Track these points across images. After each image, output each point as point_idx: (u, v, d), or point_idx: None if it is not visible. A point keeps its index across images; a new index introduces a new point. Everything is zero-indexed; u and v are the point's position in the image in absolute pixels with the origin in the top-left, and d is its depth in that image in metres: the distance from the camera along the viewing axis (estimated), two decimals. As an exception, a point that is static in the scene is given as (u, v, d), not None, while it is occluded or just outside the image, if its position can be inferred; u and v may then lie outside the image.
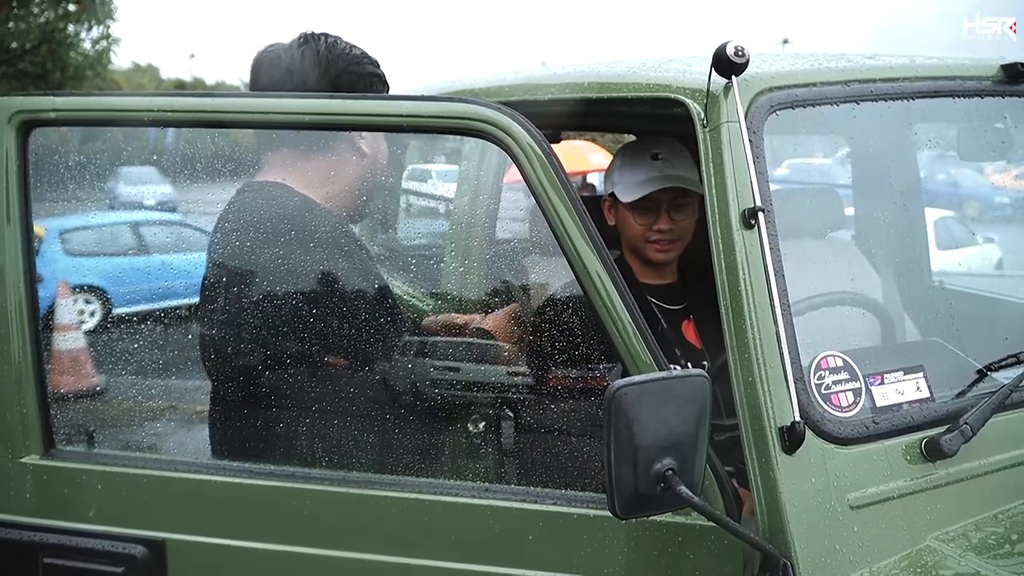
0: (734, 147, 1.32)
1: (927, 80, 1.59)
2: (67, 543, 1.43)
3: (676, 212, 1.87)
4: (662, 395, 1.12)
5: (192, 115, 1.40)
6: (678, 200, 1.85)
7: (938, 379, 1.43)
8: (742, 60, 1.30)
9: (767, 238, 1.26)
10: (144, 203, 8.66)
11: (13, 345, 1.43)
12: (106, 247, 6.35)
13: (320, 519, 1.38)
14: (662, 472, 1.11)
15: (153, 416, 1.74)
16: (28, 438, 1.44)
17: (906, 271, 2.22)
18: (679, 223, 1.88)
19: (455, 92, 2.22)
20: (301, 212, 1.52)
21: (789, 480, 1.20)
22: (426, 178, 9.16)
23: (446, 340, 1.74)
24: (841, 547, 1.20)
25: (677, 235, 1.89)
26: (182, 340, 1.70)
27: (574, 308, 1.44)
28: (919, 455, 1.29)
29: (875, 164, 2.21)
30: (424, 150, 4.32)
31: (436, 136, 2.69)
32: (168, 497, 1.43)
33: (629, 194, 1.85)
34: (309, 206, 1.53)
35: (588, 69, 1.90)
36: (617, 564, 1.29)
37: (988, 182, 7.98)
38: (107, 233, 6.55)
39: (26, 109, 1.42)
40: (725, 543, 1.26)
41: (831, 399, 1.29)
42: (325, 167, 1.57)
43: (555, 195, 1.27)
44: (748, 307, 1.26)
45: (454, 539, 1.35)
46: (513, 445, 1.68)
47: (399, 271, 2.53)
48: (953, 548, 1.24)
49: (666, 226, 1.87)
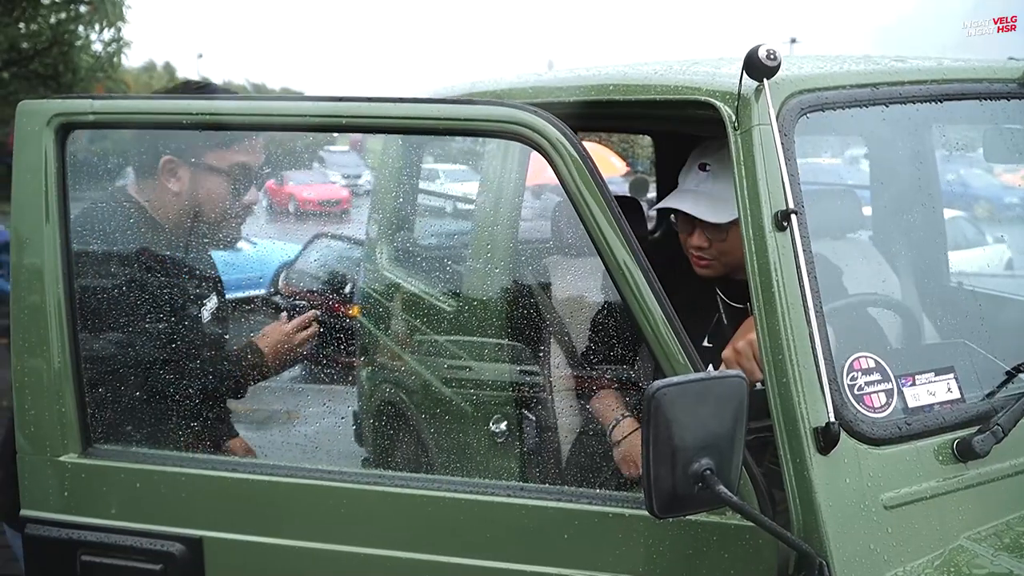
0: (766, 149, 1.33)
1: (954, 82, 1.60)
2: (105, 540, 1.45)
3: (711, 232, 1.77)
4: (700, 396, 1.13)
5: (231, 118, 1.42)
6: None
7: (967, 380, 1.44)
8: (774, 63, 1.31)
9: (800, 240, 1.27)
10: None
11: (52, 345, 1.44)
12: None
13: (355, 517, 1.40)
14: (700, 472, 1.12)
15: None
16: (67, 437, 1.46)
17: (926, 272, 2.23)
18: (717, 244, 1.77)
19: (477, 93, 2.23)
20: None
21: (824, 480, 1.21)
22: (434, 178, 9.17)
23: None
24: (875, 546, 1.21)
25: (715, 254, 1.79)
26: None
27: (610, 308, 1.46)
28: (951, 456, 1.30)
29: (898, 165, 2.21)
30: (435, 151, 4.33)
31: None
32: (205, 495, 1.45)
33: (664, 200, 1.82)
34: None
35: (612, 71, 1.91)
36: (652, 563, 1.31)
37: (998, 182, 7.96)
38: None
39: (65, 112, 1.44)
40: (760, 542, 1.27)
41: (864, 400, 1.30)
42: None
43: (591, 196, 1.29)
44: (781, 308, 1.27)
45: (489, 537, 1.36)
46: (542, 445, 1.69)
47: (421, 271, 2.55)
48: (985, 548, 1.25)
49: (697, 243, 1.78)
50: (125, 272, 1.64)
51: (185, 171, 1.69)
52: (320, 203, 6.82)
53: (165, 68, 48.03)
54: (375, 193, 2.95)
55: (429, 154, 3.17)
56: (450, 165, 7.96)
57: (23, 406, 1.47)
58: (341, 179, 12.16)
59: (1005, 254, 6.76)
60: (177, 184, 1.69)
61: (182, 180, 1.69)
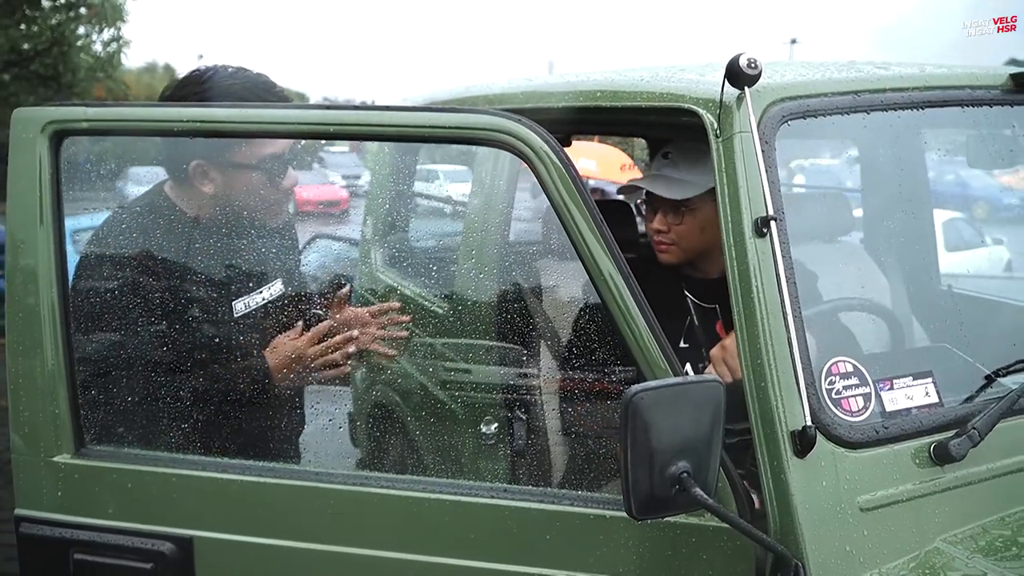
0: (746, 157, 1.35)
1: (936, 90, 1.62)
2: (97, 540, 1.48)
3: (672, 215, 1.88)
4: (678, 399, 1.15)
5: (223, 126, 1.44)
6: (680, 205, 1.87)
7: (947, 384, 1.46)
8: (755, 72, 1.33)
9: (779, 246, 1.29)
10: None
11: (46, 346, 1.47)
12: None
13: (343, 518, 1.42)
14: (677, 475, 1.15)
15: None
16: (60, 437, 1.49)
17: (915, 276, 2.25)
18: (675, 228, 1.88)
19: (469, 98, 2.26)
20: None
21: (800, 483, 1.23)
22: (433, 179, 9.18)
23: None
24: (851, 548, 1.23)
25: (673, 239, 1.89)
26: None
27: (591, 313, 1.48)
28: (928, 459, 1.32)
29: (884, 171, 2.24)
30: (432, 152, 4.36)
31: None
32: (195, 495, 1.47)
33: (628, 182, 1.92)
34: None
35: (601, 77, 1.93)
36: (632, 564, 1.33)
37: (997, 183, 7.98)
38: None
39: (59, 119, 1.47)
40: (737, 544, 1.29)
41: (842, 404, 1.33)
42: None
43: (573, 204, 1.31)
44: (760, 314, 1.29)
45: (473, 538, 1.39)
46: (525, 447, 1.72)
47: (413, 273, 2.57)
48: (961, 550, 1.27)
49: (657, 226, 1.89)
50: (161, 278, 1.62)
51: (217, 172, 1.66)
52: (319, 204, 6.85)
53: (166, 69, 48.12)
54: (371, 194, 2.97)
55: (426, 155, 3.19)
56: (449, 166, 7.95)
57: (18, 407, 1.50)
58: (340, 179, 12.18)
59: (1004, 255, 6.78)
60: (210, 186, 1.66)
61: (215, 181, 1.66)
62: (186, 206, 1.70)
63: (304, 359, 1.64)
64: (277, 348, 1.66)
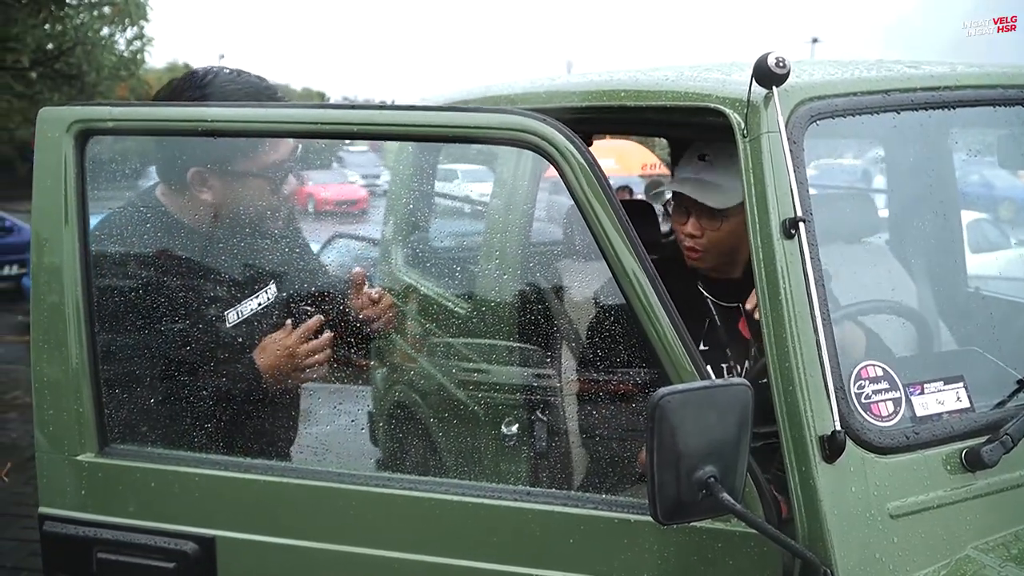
0: (774, 157, 1.33)
1: (968, 89, 1.59)
2: (120, 539, 1.48)
3: (707, 220, 1.83)
4: (705, 403, 1.14)
5: (251, 126, 1.44)
6: (719, 212, 1.82)
7: (977, 389, 1.43)
8: (783, 71, 1.31)
9: (807, 248, 1.27)
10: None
11: (70, 345, 1.47)
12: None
13: (364, 519, 1.42)
14: (704, 479, 1.13)
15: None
16: (84, 436, 1.49)
17: (943, 278, 2.22)
18: (710, 233, 1.83)
19: (491, 98, 2.25)
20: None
21: (829, 489, 1.21)
22: (451, 178, 9.19)
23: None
24: (881, 556, 1.21)
25: (705, 245, 1.84)
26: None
27: (615, 314, 1.47)
28: (959, 465, 1.30)
29: (912, 170, 2.20)
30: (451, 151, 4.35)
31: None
32: (218, 495, 1.47)
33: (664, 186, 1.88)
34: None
35: (624, 76, 1.92)
36: (656, 569, 1.31)
37: (1023, 183, 7.85)
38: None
39: (84, 119, 1.47)
40: (764, 550, 1.27)
41: (871, 408, 1.30)
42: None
43: (598, 204, 1.30)
44: (788, 316, 1.27)
45: (495, 541, 1.38)
46: (548, 449, 1.70)
47: (435, 272, 2.57)
48: (992, 558, 1.25)
49: (689, 231, 1.84)
50: (162, 276, 1.64)
51: (216, 180, 1.66)
52: (338, 203, 6.86)
53: (186, 68, 48.58)
54: (391, 194, 2.97)
55: (445, 155, 3.19)
56: (467, 165, 7.97)
57: (42, 405, 1.51)
58: (360, 179, 12.21)
59: (1031, 256, 6.66)
60: (209, 193, 1.66)
61: (214, 189, 1.66)
62: (179, 211, 1.69)
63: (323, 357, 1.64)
64: (265, 348, 1.66)
